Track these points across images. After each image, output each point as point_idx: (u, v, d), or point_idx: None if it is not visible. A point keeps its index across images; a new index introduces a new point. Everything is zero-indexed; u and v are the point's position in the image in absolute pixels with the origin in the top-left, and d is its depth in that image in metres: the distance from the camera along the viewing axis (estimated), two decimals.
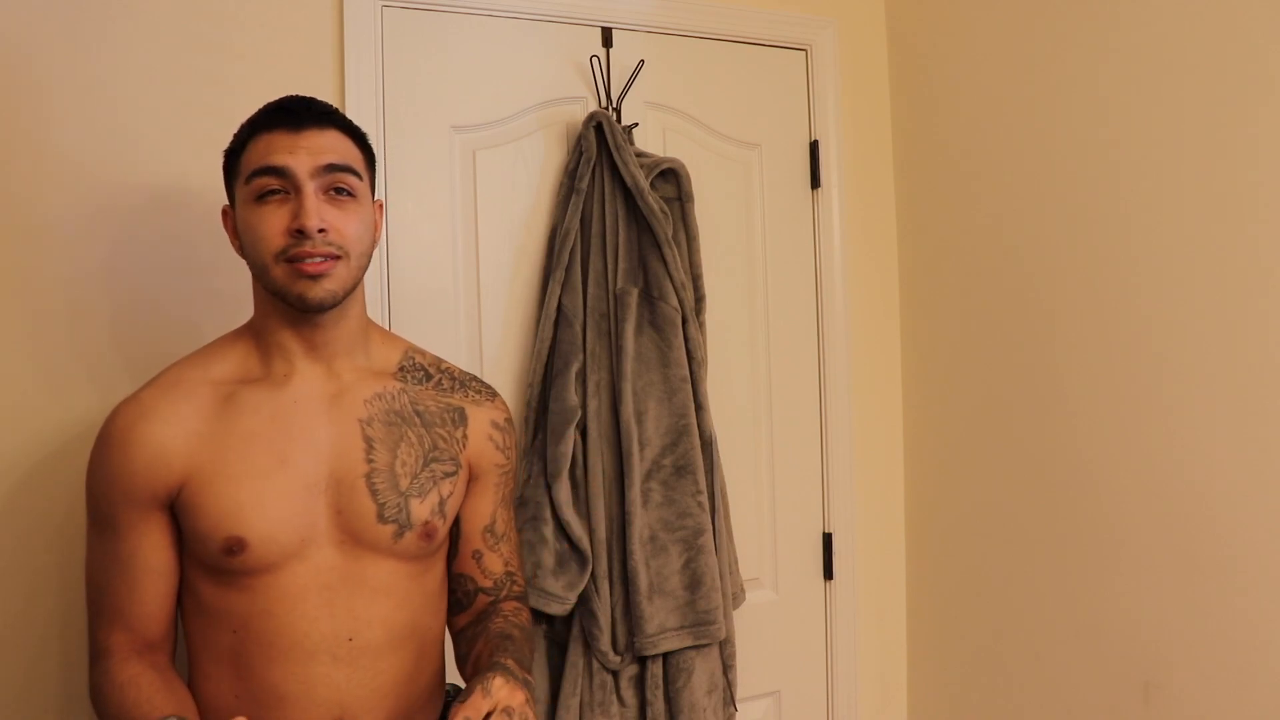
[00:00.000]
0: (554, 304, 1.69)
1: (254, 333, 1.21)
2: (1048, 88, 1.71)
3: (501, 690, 1.02)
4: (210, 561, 1.13)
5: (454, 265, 1.72)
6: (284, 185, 1.11)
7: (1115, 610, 1.60)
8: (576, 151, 1.73)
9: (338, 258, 1.12)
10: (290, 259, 1.10)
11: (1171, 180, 1.50)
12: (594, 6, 1.81)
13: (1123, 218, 1.58)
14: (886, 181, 2.10)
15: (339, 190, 1.13)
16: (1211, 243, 1.44)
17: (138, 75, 1.51)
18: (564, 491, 1.62)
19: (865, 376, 2.06)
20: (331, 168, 1.12)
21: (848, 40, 2.05)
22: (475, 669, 1.22)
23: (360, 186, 1.16)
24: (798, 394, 2.00)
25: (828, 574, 2.01)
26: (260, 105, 1.57)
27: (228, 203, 1.19)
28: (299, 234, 1.09)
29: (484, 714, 1.00)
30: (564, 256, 1.69)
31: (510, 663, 1.13)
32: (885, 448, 2.09)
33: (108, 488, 1.13)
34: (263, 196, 1.11)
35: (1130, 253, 1.57)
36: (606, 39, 1.83)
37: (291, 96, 1.18)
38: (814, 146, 2.01)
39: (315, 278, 1.11)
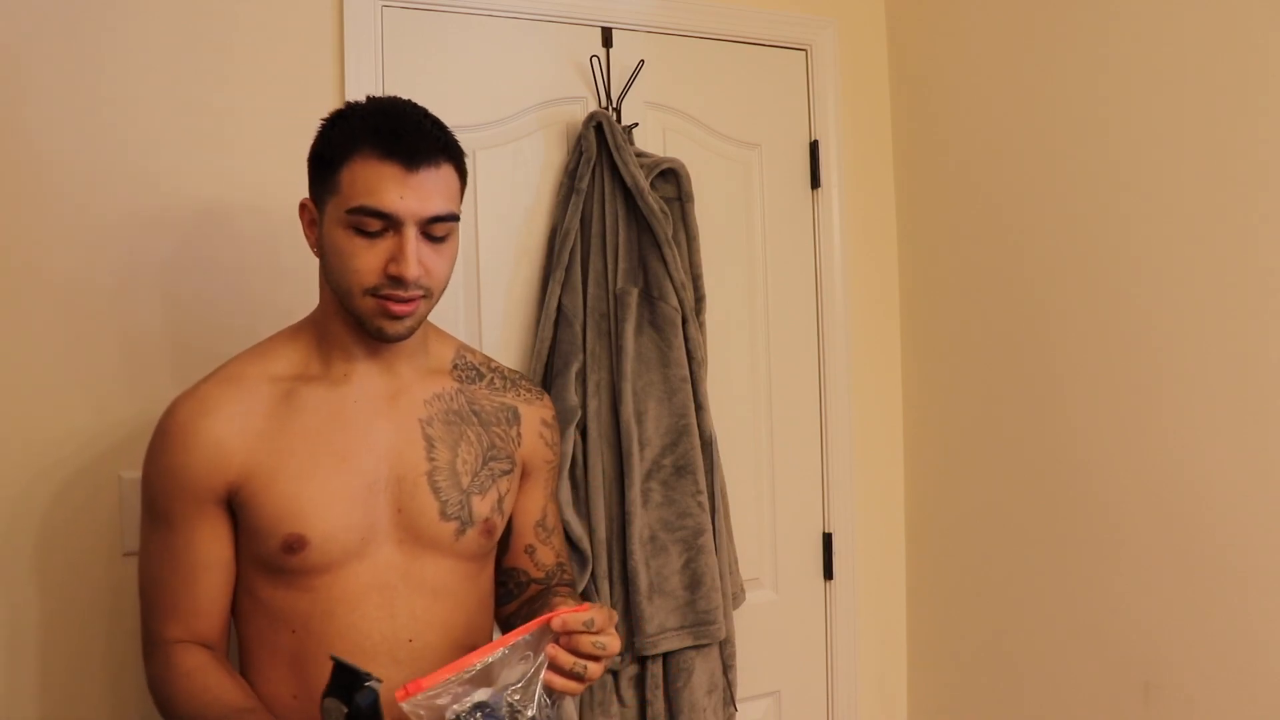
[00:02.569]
0: (554, 304, 1.69)
1: (316, 330, 1.19)
2: (1048, 87, 1.71)
3: (601, 611, 1.03)
4: (270, 560, 1.12)
5: (455, 265, 1.72)
6: (386, 224, 1.08)
7: (1115, 610, 1.60)
8: (576, 151, 1.73)
9: (425, 298, 1.12)
10: (380, 296, 1.09)
11: (1171, 180, 1.50)
12: (594, 6, 1.81)
13: (1122, 217, 1.58)
14: (886, 181, 2.10)
15: (436, 235, 1.11)
16: (1211, 243, 1.44)
17: (136, 76, 1.51)
18: (564, 491, 1.62)
19: (865, 376, 2.06)
20: (437, 218, 1.10)
21: (848, 40, 2.05)
22: None
23: (456, 226, 1.14)
24: (798, 394, 2.00)
25: (828, 574, 2.01)
26: (261, 105, 1.58)
27: (308, 197, 1.15)
28: (396, 280, 1.08)
29: (582, 621, 0.99)
30: (564, 256, 1.69)
31: None
32: (885, 448, 2.09)
33: (166, 482, 1.12)
34: (361, 230, 1.08)
35: (1130, 252, 1.57)
36: (606, 39, 1.83)
37: (402, 113, 1.12)
38: (814, 146, 2.01)
39: (400, 318, 1.11)
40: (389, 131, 1.09)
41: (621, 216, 1.73)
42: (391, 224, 1.08)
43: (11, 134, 1.44)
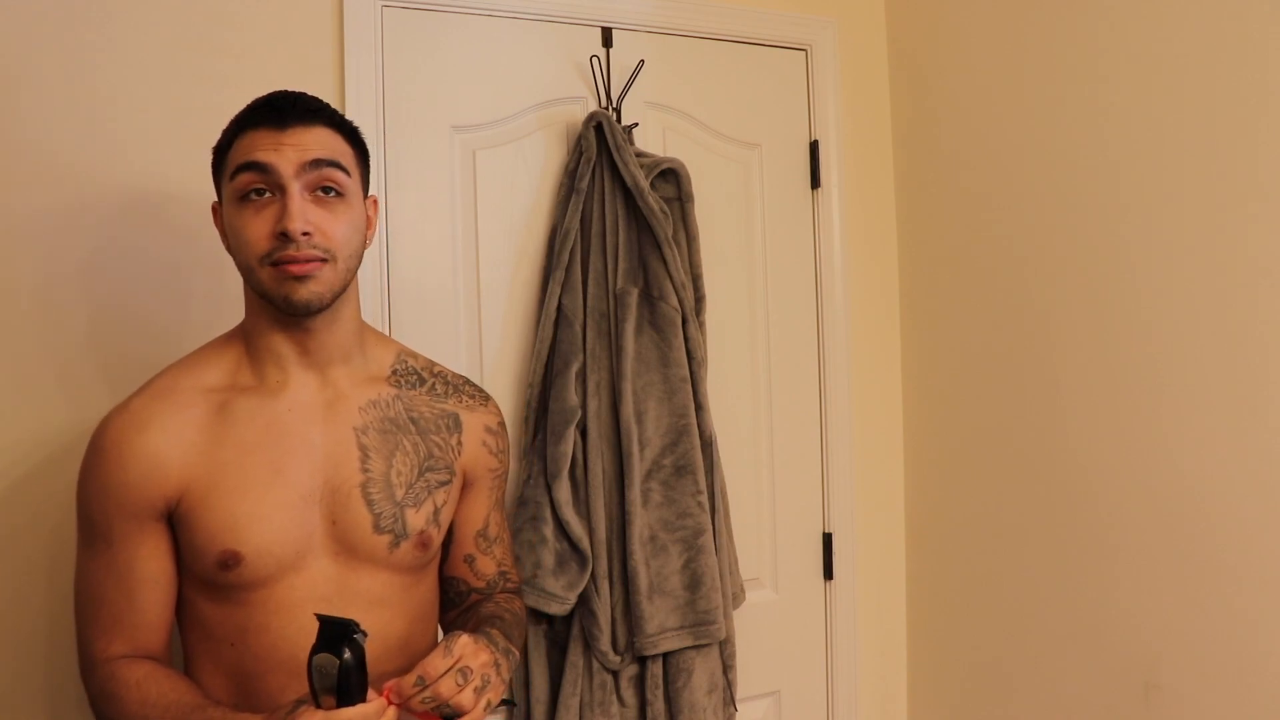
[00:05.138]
0: (554, 304, 1.69)
1: (245, 337, 1.18)
2: (1047, 87, 1.71)
3: (466, 649, 1.03)
4: (206, 576, 1.11)
5: (454, 265, 1.72)
6: (268, 184, 1.08)
7: (1115, 610, 1.60)
8: (576, 151, 1.73)
9: (324, 261, 1.09)
10: (275, 263, 1.07)
11: (1171, 180, 1.50)
12: (594, 6, 1.81)
13: (1122, 217, 1.58)
14: (886, 181, 2.10)
15: (326, 190, 1.10)
16: (1211, 244, 1.44)
17: (133, 74, 1.51)
18: (564, 491, 1.62)
19: (865, 376, 2.06)
20: (318, 163, 1.08)
21: (848, 40, 2.05)
22: None
23: (349, 184, 1.12)
24: (798, 394, 2.00)
25: (828, 574, 2.01)
26: None
27: (217, 200, 1.16)
28: (284, 237, 1.06)
29: (441, 672, 1.00)
30: (564, 256, 1.69)
31: (492, 631, 1.14)
32: (885, 448, 2.09)
33: (102, 499, 1.10)
34: (247, 196, 1.08)
35: (1129, 252, 1.57)
36: (606, 39, 1.83)
37: (279, 92, 1.14)
38: (814, 146, 2.01)
39: (301, 279, 1.08)
40: (264, 105, 1.12)
41: (621, 216, 1.73)
42: (272, 183, 1.07)
43: (16, 137, 1.44)
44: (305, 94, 1.15)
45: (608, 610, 1.65)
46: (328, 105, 1.16)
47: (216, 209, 1.17)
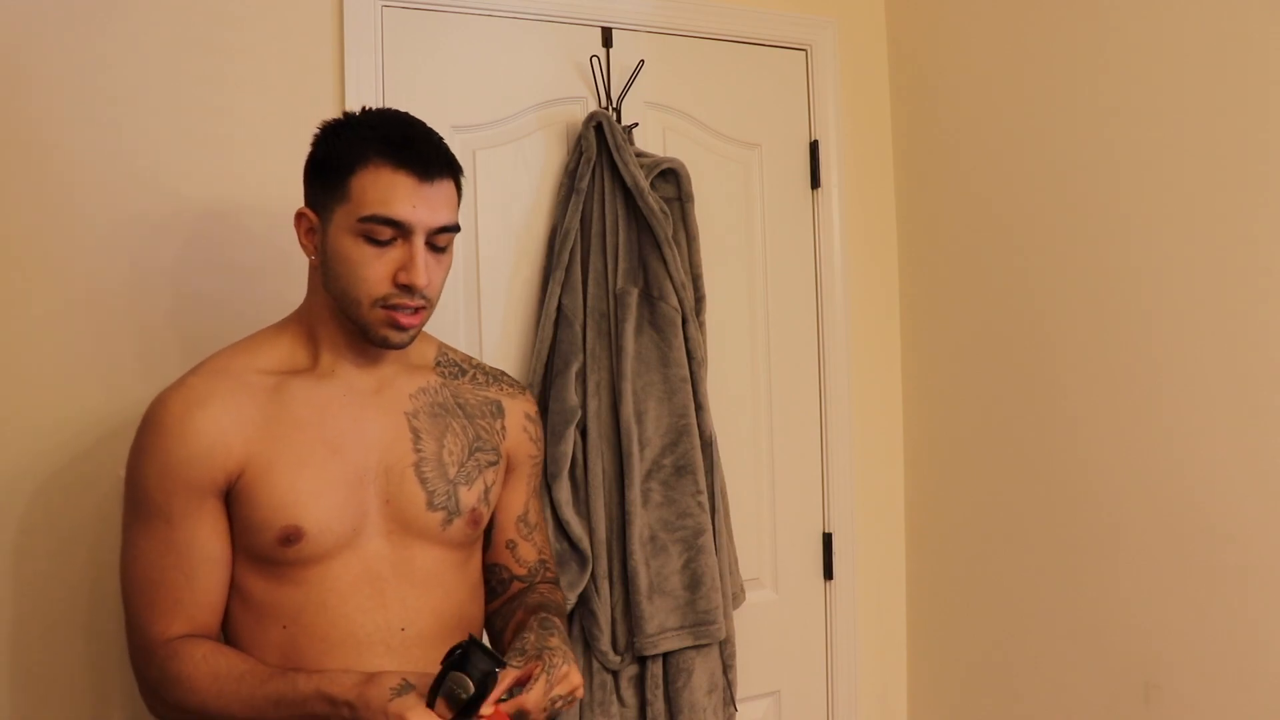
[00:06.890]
0: (554, 304, 1.69)
1: (304, 325, 1.21)
2: (1048, 87, 1.71)
3: (571, 674, 1.07)
4: (263, 553, 1.12)
5: (454, 265, 1.72)
6: (396, 233, 1.11)
7: (1115, 610, 1.60)
8: (576, 151, 1.73)
9: (426, 307, 1.15)
10: (388, 307, 1.12)
11: (1171, 180, 1.50)
12: (594, 6, 1.81)
13: (1122, 217, 1.58)
14: (886, 181, 2.10)
15: (439, 245, 1.15)
16: (1211, 244, 1.44)
17: (134, 77, 1.50)
18: (564, 491, 1.63)
19: (865, 377, 2.06)
20: (444, 229, 1.14)
21: (848, 40, 2.05)
22: (515, 634, 1.23)
23: (454, 237, 1.18)
24: (798, 394, 2.00)
25: (828, 574, 2.01)
26: (262, 105, 1.57)
27: (305, 205, 1.16)
28: (405, 289, 1.11)
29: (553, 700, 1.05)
30: (564, 256, 1.69)
31: (552, 619, 1.17)
32: (885, 448, 2.09)
33: (161, 476, 1.10)
34: (371, 238, 1.11)
35: (1129, 252, 1.57)
36: (606, 39, 1.83)
37: (410, 124, 1.16)
38: (814, 146, 2.01)
39: (406, 329, 1.14)
40: (401, 141, 1.12)
41: (621, 216, 1.73)
42: (402, 233, 1.11)
43: (19, 139, 1.44)
44: (431, 131, 1.17)
45: (608, 610, 1.65)
46: (449, 149, 1.18)
47: (305, 215, 1.16)
